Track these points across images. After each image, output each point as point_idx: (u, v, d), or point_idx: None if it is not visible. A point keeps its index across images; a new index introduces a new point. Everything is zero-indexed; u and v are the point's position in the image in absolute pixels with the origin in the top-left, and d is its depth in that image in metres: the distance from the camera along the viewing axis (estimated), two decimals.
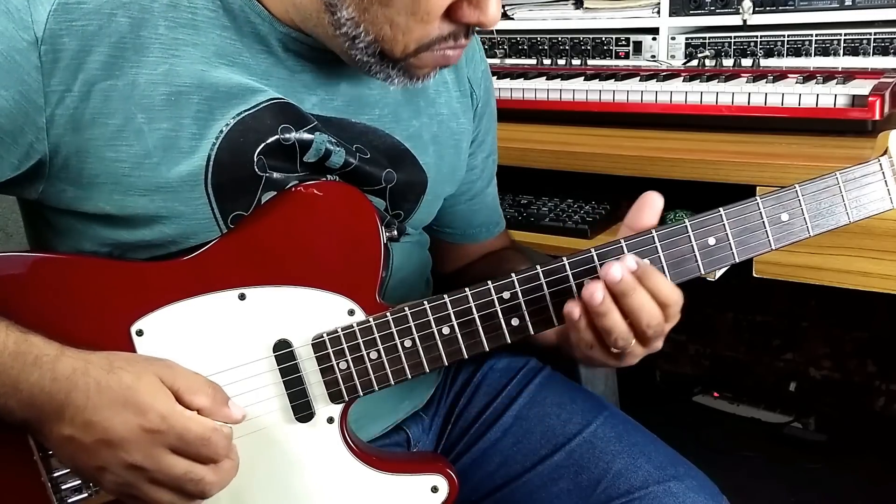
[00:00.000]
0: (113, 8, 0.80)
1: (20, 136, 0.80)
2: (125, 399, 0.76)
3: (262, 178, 0.86)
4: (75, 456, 0.78)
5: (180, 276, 0.85)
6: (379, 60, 0.82)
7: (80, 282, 0.84)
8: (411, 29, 0.79)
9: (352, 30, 0.80)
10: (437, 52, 0.83)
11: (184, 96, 0.82)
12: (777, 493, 1.93)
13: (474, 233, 1.15)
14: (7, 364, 0.76)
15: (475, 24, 0.80)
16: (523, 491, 1.03)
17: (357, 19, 0.79)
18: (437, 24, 0.80)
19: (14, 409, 0.77)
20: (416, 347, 0.85)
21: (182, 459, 0.78)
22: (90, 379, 0.77)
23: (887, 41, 1.56)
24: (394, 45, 0.80)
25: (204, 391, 0.80)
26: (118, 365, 0.78)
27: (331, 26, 0.81)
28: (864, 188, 0.84)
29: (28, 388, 0.76)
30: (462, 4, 0.79)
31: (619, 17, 1.82)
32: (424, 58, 0.83)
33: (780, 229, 0.83)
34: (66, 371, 0.77)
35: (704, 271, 0.83)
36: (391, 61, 0.82)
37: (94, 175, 0.82)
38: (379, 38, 0.80)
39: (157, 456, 0.77)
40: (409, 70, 0.84)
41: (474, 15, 0.79)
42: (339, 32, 0.81)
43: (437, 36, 0.81)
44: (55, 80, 0.79)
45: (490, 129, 1.12)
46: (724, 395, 2.32)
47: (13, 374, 0.76)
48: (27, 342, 0.77)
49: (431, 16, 0.78)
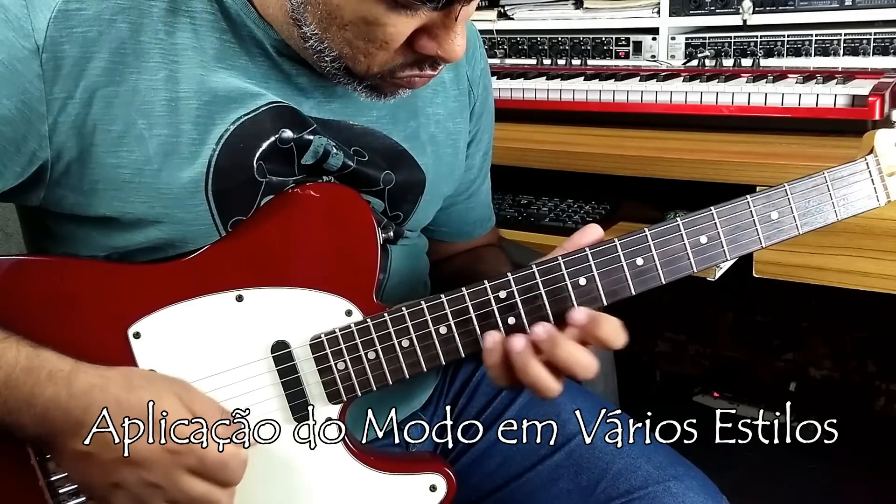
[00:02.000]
0: (113, 14, 0.80)
1: (23, 145, 0.79)
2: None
3: (262, 183, 0.86)
4: (89, 472, 0.78)
5: (178, 278, 0.85)
6: (346, 74, 0.82)
7: (76, 284, 0.83)
8: (372, 54, 0.79)
9: (317, 44, 0.80)
10: (403, 77, 0.83)
11: (183, 102, 0.82)
12: (777, 493, 1.93)
13: (468, 231, 1.16)
14: (20, 380, 0.75)
15: (434, 57, 0.80)
16: (523, 491, 1.03)
17: (320, 35, 0.79)
18: (397, 53, 0.79)
19: (27, 424, 0.76)
20: (414, 347, 0.85)
21: (200, 481, 0.78)
22: (109, 396, 0.76)
23: (887, 41, 1.56)
24: (356, 65, 0.80)
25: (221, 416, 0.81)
26: (137, 384, 0.79)
27: (300, 38, 0.81)
28: (851, 186, 0.86)
29: (42, 403, 0.75)
30: (422, 36, 0.78)
31: (619, 17, 1.82)
32: (390, 80, 0.83)
33: (769, 227, 0.84)
34: (84, 387, 0.76)
35: (697, 269, 0.84)
36: (356, 77, 0.82)
37: (95, 181, 0.82)
38: (342, 56, 0.80)
39: (177, 477, 0.77)
40: (375, 88, 0.84)
41: (433, 48, 0.78)
42: (307, 45, 0.81)
43: (401, 63, 0.80)
44: (57, 88, 0.79)
45: (488, 128, 1.12)
46: (724, 395, 2.32)
47: (26, 390, 0.76)
48: (39, 357, 0.77)
49: (390, 45, 0.78)
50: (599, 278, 0.83)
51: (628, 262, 0.83)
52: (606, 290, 0.83)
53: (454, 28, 0.78)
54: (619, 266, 0.83)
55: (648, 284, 0.84)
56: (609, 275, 0.83)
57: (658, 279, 0.83)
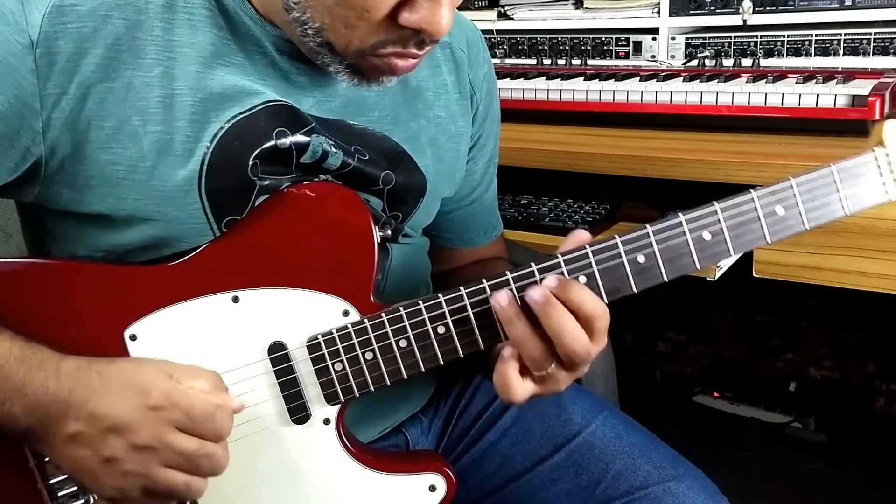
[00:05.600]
0: (108, 10, 0.80)
1: (16, 140, 0.79)
2: (127, 383, 0.76)
3: (257, 183, 0.85)
4: (80, 455, 0.77)
5: (173, 280, 0.84)
6: (328, 52, 0.81)
7: (72, 286, 0.83)
8: (353, 25, 0.77)
9: (300, 14, 0.79)
10: (385, 58, 0.81)
11: (178, 99, 0.82)
12: (777, 493, 1.93)
13: (471, 237, 1.14)
14: (13, 370, 0.75)
15: (417, 29, 0.77)
16: (523, 491, 1.03)
17: (303, 3, 0.78)
18: (381, 26, 0.77)
19: (18, 414, 0.76)
20: (412, 347, 0.84)
21: (191, 437, 0.77)
22: (92, 372, 0.76)
23: (887, 41, 1.56)
24: (336, 37, 0.79)
25: (204, 376, 0.80)
26: (119, 360, 0.79)
27: (284, 11, 0.80)
28: (859, 180, 0.83)
29: (33, 390, 0.75)
30: (406, 8, 0.76)
31: (619, 17, 1.82)
32: (371, 61, 0.81)
33: (775, 223, 0.82)
34: (70, 368, 0.76)
35: (700, 266, 0.82)
36: (339, 56, 0.81)
37: (89, 177, 0.81)
38: (323, 28, 0.79)
39: (166, 434, 0.76)
40: (357, 70, 0.83)
41: (415, 20, 0.76)
42: (291, 17, 0.80)
43: (384, 39, 0.79)
44: (51, 84, 0.78)
45: (492, 133, 1.11)
46: (724, 395, 2.32)
47: (18, 379, 0.75)
48: (32, 348, 0.77)
49: (371, 14, 0.76)
50: (600, 276, 0.81)
51: (630, 259, 0.81)
52: (608, 288, 0.82)
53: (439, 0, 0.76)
54: (621, 263, 0.81)
55: (651, 282, 0.82)
56: (610, 272, 0.81)
57: (660, 276, 0.82)
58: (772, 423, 2.21)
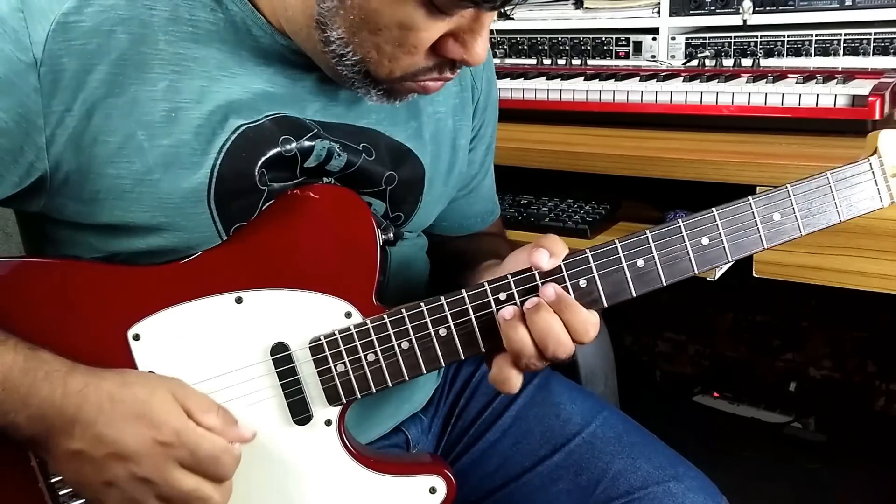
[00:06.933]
0: (112, 25, 0.79)
1: (20, 156, 0.79)
2: (139, 413, 0.77)
3: (264, 190, 0.86)
4: (81, 471, 0.78)
5: (177, 280, 0.85)
6: (363, 78, 0.82)
7: (75, 286, 0.83)
8: (398, 58, 0.79)
9: (340, 48, 0.79)
10: (420, 81, 0.83)
11: (184, 112, 0.82)
12: (777, 493, 1.93)
13: (468, 224, 1.15)
14: (18, 380, 0.75)
15: (459, 61, 0.80)
16: (523, 491, 1.03)
17: (346, 39, 0.78)
18: (423, 57, 0.79)
19: (21, 425, 0.76)
20: (414, 349, 0.85)
21: (191, 476, 0.78)
22: (102, 392, 0.77)
23: (887, 41, 1.56)
24: (379, 69, 0.80)
25: (215, 411, 0.81)
26: (131, 381, 0.79)
27: (320, 42, 0.80)
28: (854, 187, 0.86)
29: (38, 402, 0.75)
30: (448, 41, 0.79)
31: (619, 17, 1.82)
32: (407, 85, 0.83)
33: (771, 228, 0.84)
34: (78, 385, 0.76)
35: (698, 270, 0.84)
36: (374, 81, 0.82)
37: (96, 191, 0.81)
38: (366, 60, 0.80)
39: (168, 470, 0.77)
40: (390, 92, 0.84)
41: (459, 52, 0.79)
42: (327, 49, 0.80)
43: (423, 67, 0.80)
44: (55, 101, 0.78)
45: (491, 121, 1.12)
46: (724, 395, 2.32)
47: (22, 390, 0.75)
48: (37, 358, 0.77)
49: (418, 49, 0.78)
50: (600, 280, 0.83)
51: (629, 264, 0.83)
52: (607, 292, 0.83)
53: (480, 32, 0.78)
54: (620, 267, 0.83)
55: (650, 286, 0.84)
56: (610, 276, 0.83)
57: (659, 280, 0.83)
58: (772, 423, 2.21)
